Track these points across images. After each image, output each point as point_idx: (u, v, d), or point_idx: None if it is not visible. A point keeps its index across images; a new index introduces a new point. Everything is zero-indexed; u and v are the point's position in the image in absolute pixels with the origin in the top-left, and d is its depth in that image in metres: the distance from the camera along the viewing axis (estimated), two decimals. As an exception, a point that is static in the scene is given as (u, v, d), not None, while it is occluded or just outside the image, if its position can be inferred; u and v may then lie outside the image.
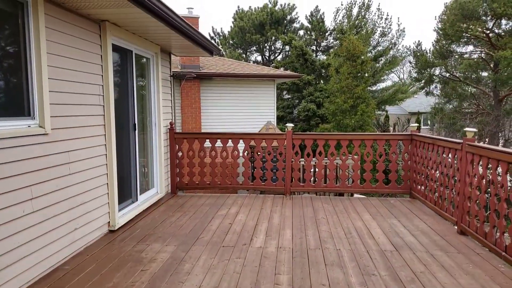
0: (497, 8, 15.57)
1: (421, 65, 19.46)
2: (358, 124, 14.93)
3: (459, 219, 4.95)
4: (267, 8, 26.73)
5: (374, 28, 25.22)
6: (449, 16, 17.53)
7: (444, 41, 18.52)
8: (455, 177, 5.20)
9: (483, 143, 13.16)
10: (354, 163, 7.00)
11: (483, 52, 19.02)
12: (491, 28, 17.49)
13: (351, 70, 15.35)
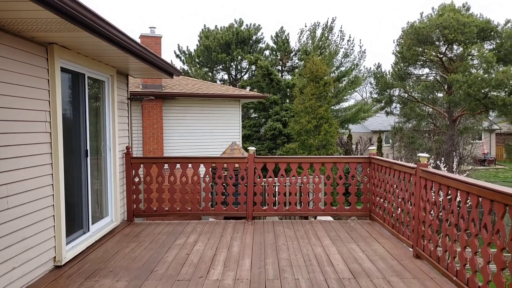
0: (448, 34, 16.48)
1: (381, 86, 20.18)
2: (321, 143, 15.16)
3: (414, 243, 5.02)
4: (232, 28, 27.02)
5: (337, 49, 26.00)
6: (406, 40, 18.37)
7: (402, 64, 19.32)
8: (411, 201, 5.30)
9: (440, 162, 13.68)
10: (315, 186, 7.02)
11: (438, 75, 19.99)
12: (444, 52, 18.46)
13: (315, 91, 15.66)
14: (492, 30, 17.26)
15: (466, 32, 16.33)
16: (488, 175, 29.60)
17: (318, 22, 26.25)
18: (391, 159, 18.28)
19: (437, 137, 19.70)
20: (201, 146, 12.38)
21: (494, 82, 15.12)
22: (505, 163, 36.58)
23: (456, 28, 16.31)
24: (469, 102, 16.42)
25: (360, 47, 27.57)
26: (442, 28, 16.69)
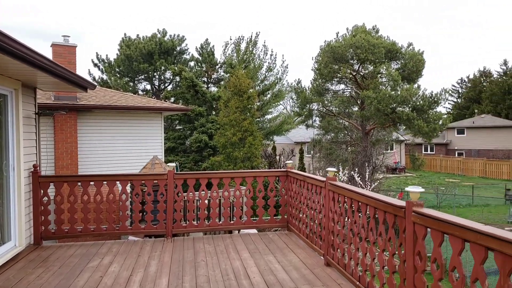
0: (361, 53, 17.95)
1: (301, 101, 21.25)
2: (246, 156, 15.47)
3: (325, 252, 5.36)
4: (156, 38, 26.55)
5: (261, 63, 26.82)
6: (323, 58, 19.62)
7: (320, 80, 20.57)
8: (322, 212, 5.66)
9: (354, 172, 14.70)
10: (236, 200, 7.16)
11: (352, 91, 21.62)
12: (357, 70, 20.04)
13: (239, 105, 15.98)
14: (397, 52, 19.18)
15: (375, 53, 17.93)
16: (398, 182, 32.40)
17: (243, 36, 26.85)
18: (306, 172, 19.12)
19: (352, 148, 21.19)
20: (121, 161, 11.91)
21: (400, 98, 16.76)
22: (414, 171, 40.34)
23: (367, 48, 17.83)
24: (379, 116, 17.96)
25: (282, 62, 29.00)
26: (355, 48, 18.15)
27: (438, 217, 3.09)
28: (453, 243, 2.90)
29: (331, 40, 20.03)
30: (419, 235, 3.35)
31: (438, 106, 17.40)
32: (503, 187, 26.50)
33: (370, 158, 19.41)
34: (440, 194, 23.08)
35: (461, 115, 54.50)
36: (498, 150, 41.25)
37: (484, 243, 2.59)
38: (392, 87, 17.49)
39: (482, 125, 43.85)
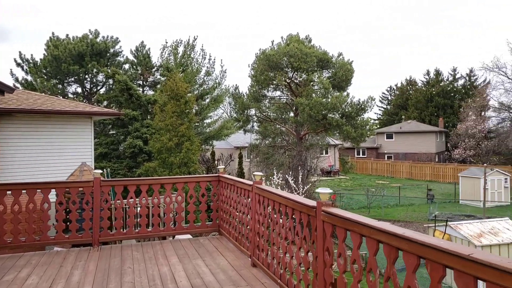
0: (294, 62, 18.69)
1: (239, 106, 21.58)
2: (183, 161, 15.36)
3: (252, 253, 5.57)
4: (87, 39, 25.43)
5: (199, 67, 26.75)
6: (259, 65, 20.13)
7: (257, 87, 21.06)
8: (249, 215, 5.88)
9: (288, 176, 15.22)
10: (166, 206, 7.16)
11: (287, 98, 22.40)
12: (292, 78, 20.82)
13: (175, 109, 15.84)
14: (328, 61, 20.23)
15: (308, 61, 18.77)
16: (332, 184, 33.94)
17: (180, 40, 26.59)
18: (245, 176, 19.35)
19: (289, 153, 21.90)
20: (47, 168, 11.28)
21: (330, 105, 17.71)
22: (346, 173, 42.43)
23: (300, 57, 18.61)
24: (311, 122, 18.80)
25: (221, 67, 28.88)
26: (289, 56, 18.85)
27: (341, 215, 3.41)
28: (354, 238, 3.23)
29: (266, 48, 20.66)
30: (327, 232, 3.66)
31: (365, 113, 18.66)
32: (425, 188, 28.86)
33: (305, 162, 20.19)
34: (370, 195, 24.54)
35: (390, 121, 58.37)
36: (422, 154, 44.76)
37: (376, 237, 2.93)
38: (323, 94, 18.42)
39: (408, 130, 47.33)
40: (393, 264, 2.78)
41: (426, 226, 15.12)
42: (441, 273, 2.33)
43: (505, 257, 1.99)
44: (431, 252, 2.37)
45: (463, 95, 50.90)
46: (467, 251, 2.13)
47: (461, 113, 46.10)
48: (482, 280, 2.03)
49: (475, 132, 42.09)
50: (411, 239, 2.53)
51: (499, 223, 13.47)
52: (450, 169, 36.31)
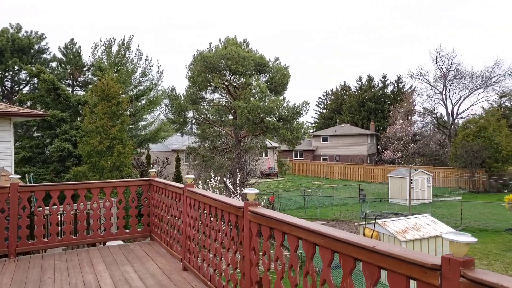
0: (231, 65, 18.79)
1: (175, 108, 21.18)
2: (115, 165, 14.72)
3: (183, 257, 5.50)
4: (7, 33, 23.46)
5: (134, 67, 25.86)
6: (196, 67, 19.95)
7: (194, 88, 20.83)
8: (181, 219, 5.80)
9: (226, 178, 15.23)
10: (93, 212, 6.82)
11: (226, 100, 22.44)
12: (230, 80, 20.90)
13: (107, 110, 15.15)
14: (265, 65, 20.59)
15: (245, 65, 18.95)
16: (271, 186, 34.55)
17: (114, 38, 25.49)
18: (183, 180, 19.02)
19: (228, 156, 21.90)
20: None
21: (267, 109, 18.02)
22: (285, 175, 43.42)
23: (237, 60, 18.73)
24: (249, 125, 18.99)
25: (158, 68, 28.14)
26: (226, 59, 18.90)
27: (266, 214, 3.49)
28: (277, 236, 3.32)
29: (204, 50, 20.55)
30: (254, 232, 3.72)
31: (300, 116, 19.27)
32: (358, 188, 30.38)
33: (244, 165, 20.33)
34: (307, 196, 25.30)
35: (326, 124, 60.79)
36: (355, 155, 47.11)
37: (296, 234, 3.03)
38: (261, 98, 18.71)
39: (342, 133, 49.60)
40: (311, 260, 2.90)
41: (357, 224, 15.89)
42: (351, 265, 2.47)
43: (403, 248, 2.16)
44: (342, 246, 2.50)
45: (392, 101, 54.47)
46: (372, 244, 2.28)
47: (390, 117, 49.31)
48: (384, 269, 2.19)
49: (402, 135, 45.22)
50: (326, 234, 2.66)
51: (421, 219, 14.54)
52: (380, 170, 38.56)
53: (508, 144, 33.59)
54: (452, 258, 1.77)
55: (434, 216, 17.85)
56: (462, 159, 33.27)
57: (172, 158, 25.21)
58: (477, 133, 34.11)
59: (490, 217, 21.43)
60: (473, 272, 1.69)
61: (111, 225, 6.89)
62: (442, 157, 42.30)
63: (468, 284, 1.69)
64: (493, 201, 26.13)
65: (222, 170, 19.48)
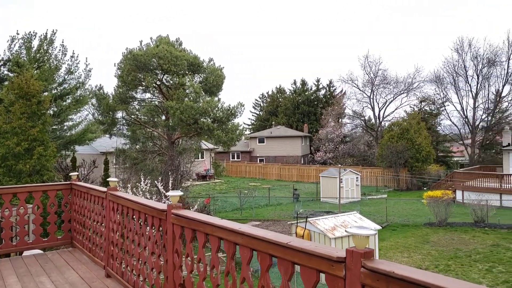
0: (163, 64, 18.33)
1: (103, 108, 20.17)
2: (35, 169, 13.62)
3: (106, 263, 5.24)
4: None
5: (58, 64, 24.16)
6: (126, 65, 19.15)
7: (124, 88, 19.99)
8: (103, 223, 5.51)
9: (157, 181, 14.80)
10: (5, 220, 6.24)
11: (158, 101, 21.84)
12: (162, 80, 20.37)
13: (25, 110, 13.97)
14: (199, 65, 20.37)
15: (178, 64, 18.58)
16: (208, 188, 34.30)
17: (35, 32, 23.56)
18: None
19: (161, 158, 21.31)
20: None
21: (201, 110, 17.84)
22: (222, 177, 43.34)
23: (170, 59, 18.30)
24: (182, 126, 18.65)
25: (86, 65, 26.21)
26: (158, 58, 18.38)
27: (188, 216, 3.43)
28: (199, 237, 3.27)
29: (134, 48, 19.77)
30: (177, 234, 3.65)
31: (235, 118, 19.35)
32: (292, 188, 31.24)
33: (178, 167, 19.91)
34: (242, 197, 25.47)
35: (262, 126, 61.75)
36: (289, 156, 48.39)
37: (217, 234, 3.01)
38: (194, 99, 18.46)
39: (277, 135, 50.71)
40: (232, 259, 2.90)
41: (290, 224, 16.31)
42: (268, 262, 2.51)
43: (314, 243, 2.23)
44: (260, 244, 2.53)
45: (324, 104, 56.84)
46: (286, 240, 2.33)
47: (322, 119, 51.43)
48: (297, 264, 2.24)
49: (333, 137, 47.37)
50: (245, 233, 2.67)
51: (349, 217, 15.31)
52: (313, 170, 40.00)
53: (427, 145, 36.64)
54: (355, 250, 1.86)
55: (362, 213, 18.92)
56: (387, 159, 35.65)
57: (100, 161, 23.95)
58: (400, 135, 36.78)
59: (411, 213, 23.19)
60: (372, 262, 1.79)
61: (26, 233, 6.36)
62: (370, 158, 44.98)
63: (368, 273, 1.78)
64: (414, 198, 28.34)
65: (154, 173, 18.91)
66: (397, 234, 18.29)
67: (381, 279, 1.73)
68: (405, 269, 1.68)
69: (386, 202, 23.10)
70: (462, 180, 28.33)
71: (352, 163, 44.17)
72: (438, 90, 46.95)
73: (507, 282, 12.22)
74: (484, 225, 19.01)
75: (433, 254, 15.22)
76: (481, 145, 43.78)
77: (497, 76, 43.70)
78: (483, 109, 44.72)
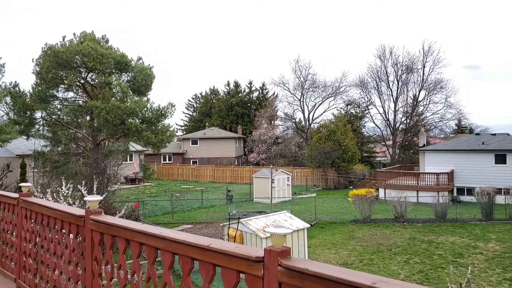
0: (88, 62, 17.30)
1: (19, 107, 18.52)
2: None
3: (17, 275, 4.83)
4: None
5: (-33, 59, 21.74)
6: (45, 61, 17.78)
7: (44, 85, 18.54)
8: (14, 232, 5.06)
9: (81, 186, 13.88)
10: None
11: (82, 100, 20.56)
12: (86, 78, 19.21)
13: None
14: (127, 64, 19.54)
15: (104, 63, 17.64)
16: (137, 192, 33.03)
17: None
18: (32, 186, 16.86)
19: (84, 160, 20.08)
20: None
21: (129, 110, 17.10)
22: (153, 180, 42.02)
23: (95, 57, 17.31)
24: (108, 127, 17.74)
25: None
26: (82, 56, 17.29)
27: (108, 222, 3.27)
28: (119, 243, 3.12)
29: (56, 44, 18.35)
30: (96, 241, 3.45)
31: (165, 119, 18.83)
32: (226, 189, 31.24)
33: (104, 170, 18.89)
34: (174, 200, 24.89)
35: (196, 127, 60.99)
36: (223, 158, 48.37)
37: (138, 240, 2.90)
38: (122, 98, 17.67)
39: (211, 136, 50.43)
40: (153, 264, 2.81)
41: (222, 225, 16.28)
42: (189, 265, 2.46)
43: (234, 244, 2.23)
44: (181, 248, 2.48)
45: (257, 106, 57.74)
46: (207, 242, 2.30)
47: (256, 121, 52.21)
48: (218, 265, 2.23)
49: (266, 138, 48.30)
50: (166, 237, 2.60)
51: (279, 216, 15.66)
52: (247, 171, 40.40)
53: (352, 146, 38.83)
54: (272, 249, 1.89)
55: (293, 212, 19.49)
56: (316, 159, 37.19)
57: (16, 164, 21.94)
58: (328, 136, 38.58)
59: (339, 211, 24.39)
60: (288, 261, 1.83)
61: None
62: (300, 158, 46.56)
63: (284, 271, 1.82)
64: (341, 196, 29.85)
65: (78, 176, 17.75)
66: (325, 232, 19.11)
67: (296, 277, 1.77)
68: (318, 265, 1.75)
69: (315, 201, 24.02)
70: (384, 179, 30.42)
71: (284, 163, 45.37)
72: (362, 94, 50.10)
73: (421, 271, 13.32)
74: (403, 220, 20.57)
75: (358, 249, 16.12)
76: (401, 146, 47.45)
77: (414, 82, 47.76)
78: (402, 113, 48.55)
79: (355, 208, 21.91)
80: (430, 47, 46.26)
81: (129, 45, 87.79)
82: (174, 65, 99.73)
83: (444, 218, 20.47)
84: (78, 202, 12.63)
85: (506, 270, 13.25)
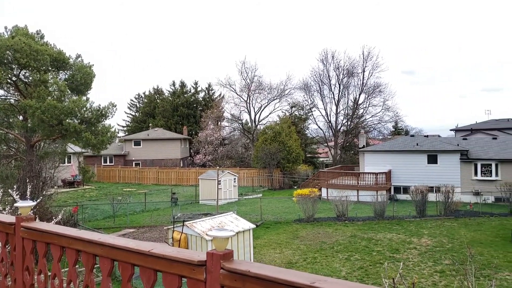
0: (21, 58, 16.14)
1: None
2: None
3: None
4: None
5: None
6: (-29, 56, 16.34)
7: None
8: None
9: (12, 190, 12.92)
10: None
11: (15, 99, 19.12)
12: (19, 76, 17.90)
13: None
14: (65, 61, 18.47)
15: (39, 59, 16.53)
16: (76, 196, 31.36)
17: None
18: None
19: (17, 163, 18.70)
20: None
21: (66, 110, 16.18)
22: (93, 183, 40.12)
23: (28, 53, 16.17)
24: (43, 128, 16.67)
25: None
26: (14, 51, 16.08)
27: (41, 229, 3.09)
28: (54, 251, 2.95)
29: (-16, 38, 16.92)
30: (28, 250, 3.24)
31: (106, 119, 18.04)
32: (170, 192, 30.60)
33: (39, 173, 17.73)
34: (116, 204, 23.94)
35: (139, 128, 59.07)
36: (168, 159, 47.35)
37: (75, 247, 2.77)
38: (59, 97, 16.67)
39: (155, 137, 49.16)
40: (91, 272, 2.69)
41: (167, 228, 15.94)
42: (130, 271, 2.39)
43: (176, 249, 2.21)
44: (121, 254, 2.41)
45: (204, 107, 57.26)
46: (148, 248, 2.25)
47: (202, 122, 51.74)
48: (159, 271, 2.19)
49: (213, 140, 48.04)
50: (105, 243, 2.51)
51: (225, 217, 15.66)
52: (192, 173, 39.90)
53: (297, 147, 39.82)
54: (214, 253, 1.89)
55: (239, 213, 19.57)
56: (262, 160, 37.68)
57: None
58: (273, 137, 39.25)
59: (284, 211, 24.87)
60: (230, 263, 1.84)
61: None
62: (247, 159, 46.89)
63: (227, 274, 1.83)
64: (286, 196, 30.46)
65: (10, 180, 16.48)
66: (271, 231, 19.41)
67: (238, 279, 1.79)
68: (260, 267, 1.78)
69: (261, 201, 24.32)
70: (326, 179, 31.53)
71: (230, 164, 45.40)
72: (306, 97, 51.59)
73: (361, 268, 13.98)
74: (345, 219, 21.45)
75: (302, 248, 16.55)
76: (342, 146, 49.47)
77: (354, 86, 50.07)
78: (343, 115, 50.68)
79: (299, 207, 22.47)
80: (369, 52, 48.81)
81: (67, 42, 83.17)
82: (116, 64, 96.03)
83: (382, 216, 21.63)
84: (9, 208, 11.72)
85: (436, 263, 14.31)
